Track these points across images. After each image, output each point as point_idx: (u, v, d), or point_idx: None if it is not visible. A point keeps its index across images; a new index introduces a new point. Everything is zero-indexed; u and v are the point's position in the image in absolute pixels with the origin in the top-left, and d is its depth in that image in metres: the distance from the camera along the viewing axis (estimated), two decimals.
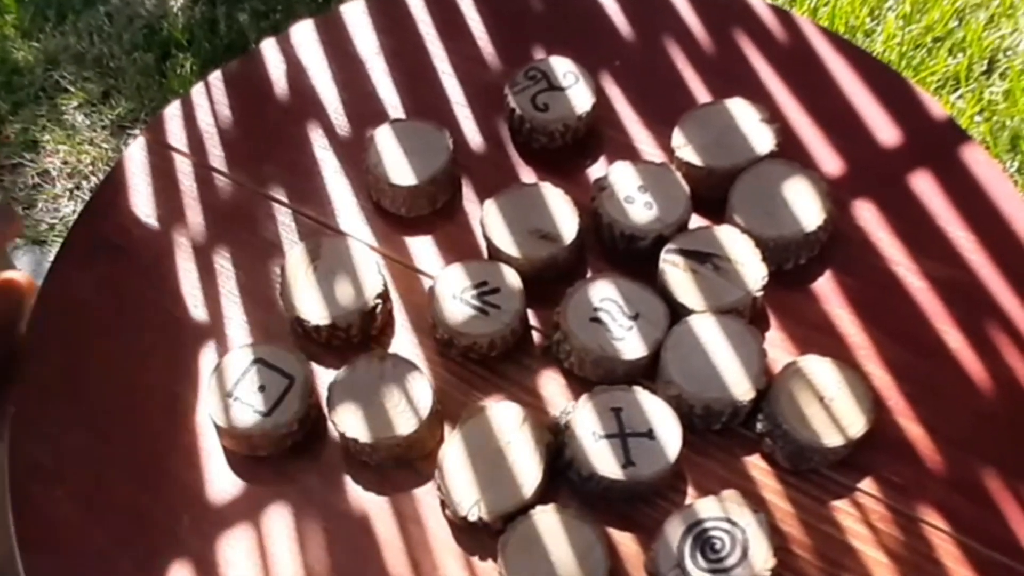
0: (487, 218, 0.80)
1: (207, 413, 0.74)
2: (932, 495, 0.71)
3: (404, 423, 0.72)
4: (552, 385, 0.77)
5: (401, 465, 0.74)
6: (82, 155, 1.76)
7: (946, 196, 0.84)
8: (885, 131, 0.88)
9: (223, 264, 0.84)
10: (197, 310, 0.82)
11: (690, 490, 0.73)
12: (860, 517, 0.71)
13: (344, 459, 0.75)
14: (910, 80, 0.92)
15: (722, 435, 0.74)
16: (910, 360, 0.76)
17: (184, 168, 0.90)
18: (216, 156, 0.91)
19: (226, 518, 0.73)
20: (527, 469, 0.71)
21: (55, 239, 1.66)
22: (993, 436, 0.73)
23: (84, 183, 1.73)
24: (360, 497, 0.74)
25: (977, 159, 0.85)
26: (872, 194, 0.84)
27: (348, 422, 0.73)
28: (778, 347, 0.77)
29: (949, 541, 0.70)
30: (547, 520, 0.69)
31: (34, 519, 0.73)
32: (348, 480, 0.74)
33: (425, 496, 0.73)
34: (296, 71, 0.96)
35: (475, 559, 0.70)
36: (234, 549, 0.72)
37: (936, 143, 0.87)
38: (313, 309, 0.77)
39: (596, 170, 0.87)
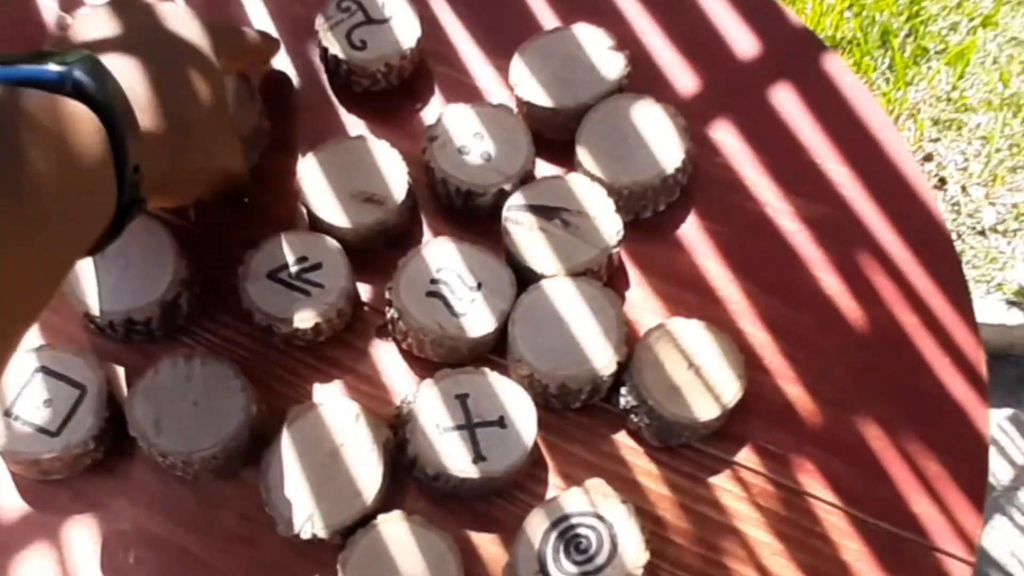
0: (303, 181, 0.69)
1: None
2: (814, 463, 0.65)
3: (220, 430, 0.62)
4: (391, 370, 0.68)
5: (222, 478, 0.65)
6: None
7: (815, 123, 0.76)
8: (745, 51, 0.79)
9: None
10: None
11: (553, 479, 0.65)
12: (739, 494, 0.64)
13: (156, 476, 0.65)
14: None
15: (583, 413, 0.66)
16: (785, 312, 0.69)
17: None
18: None
19: (18, 556, 0.63)
20: (365, 474, 0.62)
21: None
22: (874, 393, 0.67)
23: None
24: (178, 519, 0.64)
25: (845, 79, 0.78)
26: (733, 125, 0.76)
27: (154, 434, 0.62)
28: (640, 309, 0.69)
29: (834, 512, 0.64)
30: (391, 531, 0.61)
31: None
32: (162, 500, 0.64)
33: (253, 512, 0.64)
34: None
35: None
36: None
37: (799, 62, 0.79)
38: (104, 301, 0.66)
39: (429, 115, 0.76)
